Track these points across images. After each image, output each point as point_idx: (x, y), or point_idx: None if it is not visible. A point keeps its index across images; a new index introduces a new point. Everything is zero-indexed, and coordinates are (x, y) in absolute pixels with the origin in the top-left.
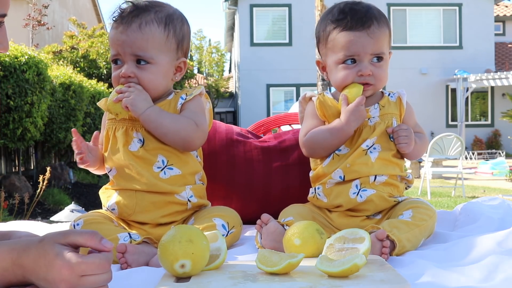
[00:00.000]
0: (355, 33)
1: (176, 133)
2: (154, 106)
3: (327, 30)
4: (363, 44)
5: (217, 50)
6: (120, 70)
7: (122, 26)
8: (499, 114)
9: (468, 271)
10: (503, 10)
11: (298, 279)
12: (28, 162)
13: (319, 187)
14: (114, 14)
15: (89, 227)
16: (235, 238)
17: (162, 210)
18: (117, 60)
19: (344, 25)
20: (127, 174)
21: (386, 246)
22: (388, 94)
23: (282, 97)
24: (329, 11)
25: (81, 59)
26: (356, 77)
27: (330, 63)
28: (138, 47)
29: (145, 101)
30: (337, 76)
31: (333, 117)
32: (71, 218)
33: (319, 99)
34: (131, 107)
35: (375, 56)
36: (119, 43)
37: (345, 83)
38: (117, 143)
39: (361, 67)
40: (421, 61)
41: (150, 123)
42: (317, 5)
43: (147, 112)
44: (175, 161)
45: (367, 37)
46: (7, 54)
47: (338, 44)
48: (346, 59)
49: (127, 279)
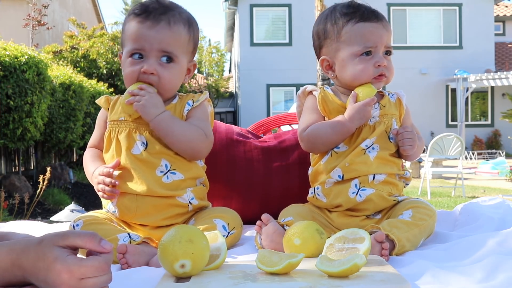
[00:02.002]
0: (372, 24)
1: (187, 143)
2: (166, 112)
3: (339, 24)
4: (380, 35)
5: (217, 50)
6: (140, 65)
7: (150, 22)
8: (499, 114)
9: (468, 271)
10: (503, 10)
11: (298, 279)
12: (28, 162)
13: (318, 187)
14: (135, 9)
15: (88, 228)
16: (235, 239)
17: (163, 213)
18: (138, 54)
19: (360, 16)
20: (128, 178)
21: (385, 248)
22: (388, 94)
23: (282, 97)
24: (332, 10)
25: (81, 59)
26: (373, 68)
27: (344, 57)
28: (167, 44)
29: (155, 107)
30: (355, 69)
31: (334, 113)
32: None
33: (321, 93)
34: (141, 113)
35: (387, 49)
36: (146, 37)
37: (365, 75)
38: (119, 146)
39: (377, 58)
40: (421, 61)
41: (160, 131)
42: (317, 5)
43: (158, 119)
44: (179, 166)
45: (383, 28)
46: (7, 54)
47: (356, 35)
48: (365, 51)
49: (127, 279)
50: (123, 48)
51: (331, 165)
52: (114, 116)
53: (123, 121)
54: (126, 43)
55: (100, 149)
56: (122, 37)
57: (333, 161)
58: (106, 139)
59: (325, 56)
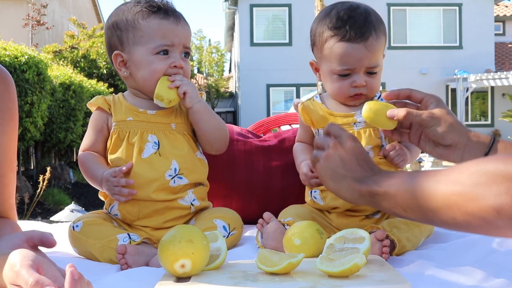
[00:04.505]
0: (352, 45)
1: (223, 131)
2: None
3: (324, 37)
4: (360, 58)
5: (217, 50)
6: (169, 60)
7: (172, 18)
8: (499, 114)
9: (468, 271)
10: (503, 10)
11: (298, 279)
12: (28, 162)
13: (315, 191)
14: (148, 6)
15: (88, 228)
16: (236, 239)
17: (165, 215)
18: (166, 50)
19: (342, 35)
20: (135, 184)
21: (386, 246)
22: (379, 96)
23: (282, 97)
24: (327, 13)
25: (81, 59)
26: (350, 88)
27: (324, 70)
28: (188, 40)
29: (197, 91)
30: (332, 86)
31: (321, 122)
32: (71, 218)
33: (303, 104)
34: (190, 93)
35: (369, 70)
36: (175, 33)
37: (341, 94)
38: (130, 148)
39: (355, 78)
40: (421, 61)
41: (204, 114)
42: (317, 5)
43: (202, 102)
44: (186, 169)
45: (365, 50)
46: (7, 54)
47: (334, 54)
48: (342, 73)
49: (127, 279)
50: (134, 46)
51: None
52: (120, 116)
53: (131, 122)
54: (146, 40)
55: (98, 152)
56: (136, 34)
57: None
58: (114, 140)
59: (313, 59)
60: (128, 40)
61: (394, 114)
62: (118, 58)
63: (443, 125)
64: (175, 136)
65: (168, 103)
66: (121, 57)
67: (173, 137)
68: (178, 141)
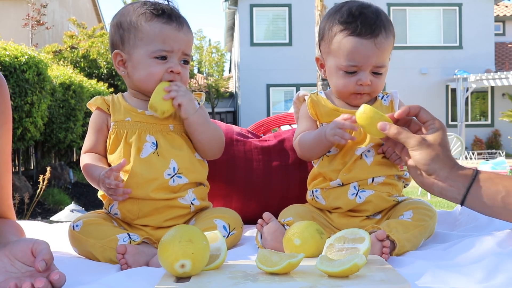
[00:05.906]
0: (362, 41)
1: (218, 139)
2: (201, 107)
3: (334, 31)
4: (368, 55)
5: (217, 50)
6: (166, 65)
7: (175, 24)
8: (499, 114)
9: (468, 271)
10: (503, 10)
11: (298, 279)
12: (28, 162)
13: (317, 190)
14: (151, 9)
15: (88, 228)
16: (236, 239)
17: (165, 214)
18: (164, 56)
19: (353, 29)
20: (134, 183)
21: (386, 246)
22: (382, 97)
23: (282, 97)
24: (337, 9)
25: (81, 59)
26: (355, 86)
27: (330, 65)
28: (189, 47)
29: (193, 102)
30: (337, 82)
31: (325, 116)
32: (71, 218)
33: (311, 97)
34: (184, 108)
35: (375, 69)
36: (175, 39)
37: (345, 91)
38: (128, 148)
39: (361, 76)
40: (421, 61)
41: (198, 126)
42: (317, 5)
43: (198, 114)
44: (185, 169)
45: (374, 47)
46: (7, 54)
47: (342, 49)
48: (349, 70)
49: (127, 279)
50: (134, 47)
51: (324, 168)
52: (119, 116)
53: (129, 122)
54: (146, 42)
55: (100, 154)
56: (137, 35)
57: (325, 164)
58: (113, 140)
59: (320, 55)
60: (129, 40)
61: (385, 129)
62: (117, 57)
63: (426, 153)
64: (173, 137)
65: (161, 114)
66: (121, 56)
67: (171, 137)
68: (176, 141)
